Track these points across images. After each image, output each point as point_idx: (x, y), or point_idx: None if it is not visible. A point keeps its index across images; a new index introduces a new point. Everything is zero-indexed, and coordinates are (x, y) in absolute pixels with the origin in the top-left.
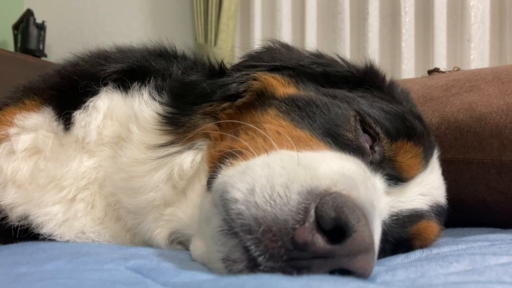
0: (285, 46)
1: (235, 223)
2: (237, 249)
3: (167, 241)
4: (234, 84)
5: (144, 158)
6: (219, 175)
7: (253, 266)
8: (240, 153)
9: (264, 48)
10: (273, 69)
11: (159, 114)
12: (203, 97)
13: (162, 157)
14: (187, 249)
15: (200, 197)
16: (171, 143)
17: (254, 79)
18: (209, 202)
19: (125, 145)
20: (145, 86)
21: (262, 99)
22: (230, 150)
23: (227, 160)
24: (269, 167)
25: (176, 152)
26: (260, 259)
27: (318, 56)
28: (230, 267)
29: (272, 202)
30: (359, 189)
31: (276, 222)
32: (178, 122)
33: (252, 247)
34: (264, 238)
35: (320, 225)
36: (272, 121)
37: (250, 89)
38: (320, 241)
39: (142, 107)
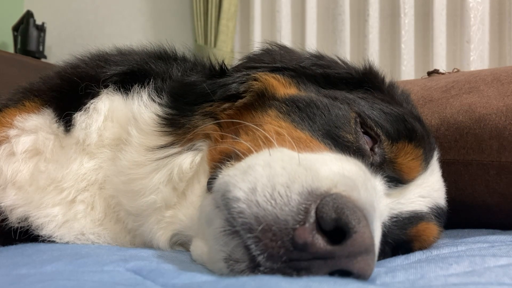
0: (284, 48)
1: (237, 221)
2: (239, 249)
3: (168, 243)
4: (234, 84)
5: (143, 160)
6: (220, 175)
7: (254, 267)
8: (241, 153)
9: (263, 50)
10: (274, 70)
11: (158, 116)
12: (204, 97)
13: (161, 158)
14: (188, 250)
15: (200, 198)
16: (170, 144)
17: (255, 80)
18: (210, 202)
19: (125, 148)
20: (144, 88)
21: (263, 99)
22: (230, 151)
23: (227, 161)
24: (270, 167)
25: (175, 153)
26: (259, 258)
27: (318, 57)
28: (232, 267)
29: (273, 202)
30: (360, 191)
31: (277, 221)
32: (178, 123)
33: (252, 246)
34: (264, 237)
35: (320, 226)
36: (272, 122)
37: (251, 89)
38: (320, 241)
39: (141, 109)
